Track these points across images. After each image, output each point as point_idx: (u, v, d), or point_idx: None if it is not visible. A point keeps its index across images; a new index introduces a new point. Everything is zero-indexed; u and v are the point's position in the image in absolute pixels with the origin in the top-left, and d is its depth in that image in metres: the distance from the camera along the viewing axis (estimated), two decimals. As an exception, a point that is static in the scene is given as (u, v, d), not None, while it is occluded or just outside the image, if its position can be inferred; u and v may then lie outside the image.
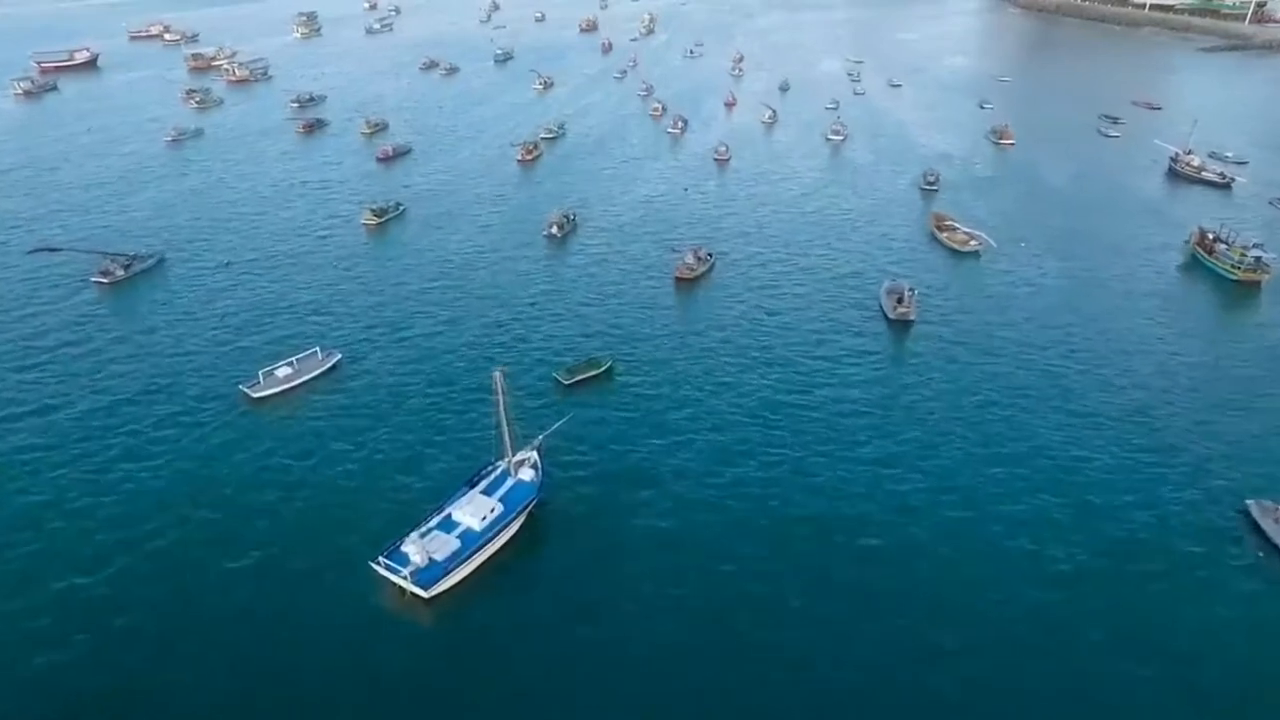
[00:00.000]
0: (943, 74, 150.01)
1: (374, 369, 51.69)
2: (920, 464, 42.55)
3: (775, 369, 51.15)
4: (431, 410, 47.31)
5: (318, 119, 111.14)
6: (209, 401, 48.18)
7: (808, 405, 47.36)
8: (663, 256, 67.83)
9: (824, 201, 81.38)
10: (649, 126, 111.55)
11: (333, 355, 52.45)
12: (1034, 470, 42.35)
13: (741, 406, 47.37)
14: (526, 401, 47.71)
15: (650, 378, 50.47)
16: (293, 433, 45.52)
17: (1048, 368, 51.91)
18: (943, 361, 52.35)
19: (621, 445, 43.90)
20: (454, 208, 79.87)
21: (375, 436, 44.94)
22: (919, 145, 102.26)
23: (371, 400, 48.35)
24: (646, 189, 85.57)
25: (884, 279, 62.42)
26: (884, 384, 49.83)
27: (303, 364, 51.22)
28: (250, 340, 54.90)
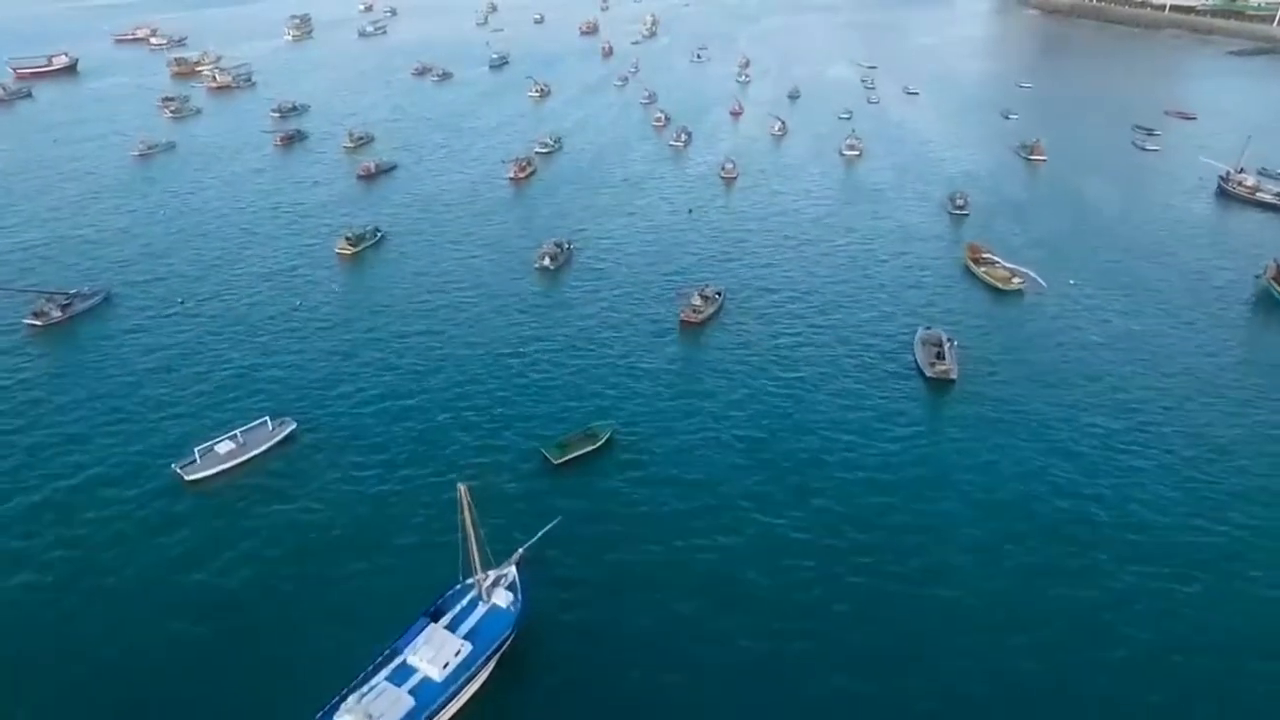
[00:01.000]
0: (960, 80, 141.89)
1: (332, 441, 43.93)
2: (982, 585, 34.92)
3: (794, 444, 43.22)
4: (395, 501, 39.65)
5: (298, 131, 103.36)
6: (133, 485, 40.50)
7: (836, 495, 39.43)
8: (665, 293, 60.16)
9: (842, 227, 73.59)
10: (651, 139, 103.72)
11: (285, 424, 44.76)
12: (1123, 617, 33.55)
13: (758, 500, 39.33)
14: (509, 487, 40.18)
15: (654, 453, 42.69)
16: (224, 533, 37.82)
17: (1120, 449, 43.57)
18: (993, 435, 44.33)
19: (621, 552, 36.11)
20: (438, 234, 72.15)
21: (321, 542, 37.17)
22: (942, 162, 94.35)
23: (323, 488, 40.57)
24: (648, 211, 77.79)
25: (917, 325, 54.71)
26: (927, 465, 41.90)
27: (249, 436, 43.58)
28: (194, 401, 47.11)
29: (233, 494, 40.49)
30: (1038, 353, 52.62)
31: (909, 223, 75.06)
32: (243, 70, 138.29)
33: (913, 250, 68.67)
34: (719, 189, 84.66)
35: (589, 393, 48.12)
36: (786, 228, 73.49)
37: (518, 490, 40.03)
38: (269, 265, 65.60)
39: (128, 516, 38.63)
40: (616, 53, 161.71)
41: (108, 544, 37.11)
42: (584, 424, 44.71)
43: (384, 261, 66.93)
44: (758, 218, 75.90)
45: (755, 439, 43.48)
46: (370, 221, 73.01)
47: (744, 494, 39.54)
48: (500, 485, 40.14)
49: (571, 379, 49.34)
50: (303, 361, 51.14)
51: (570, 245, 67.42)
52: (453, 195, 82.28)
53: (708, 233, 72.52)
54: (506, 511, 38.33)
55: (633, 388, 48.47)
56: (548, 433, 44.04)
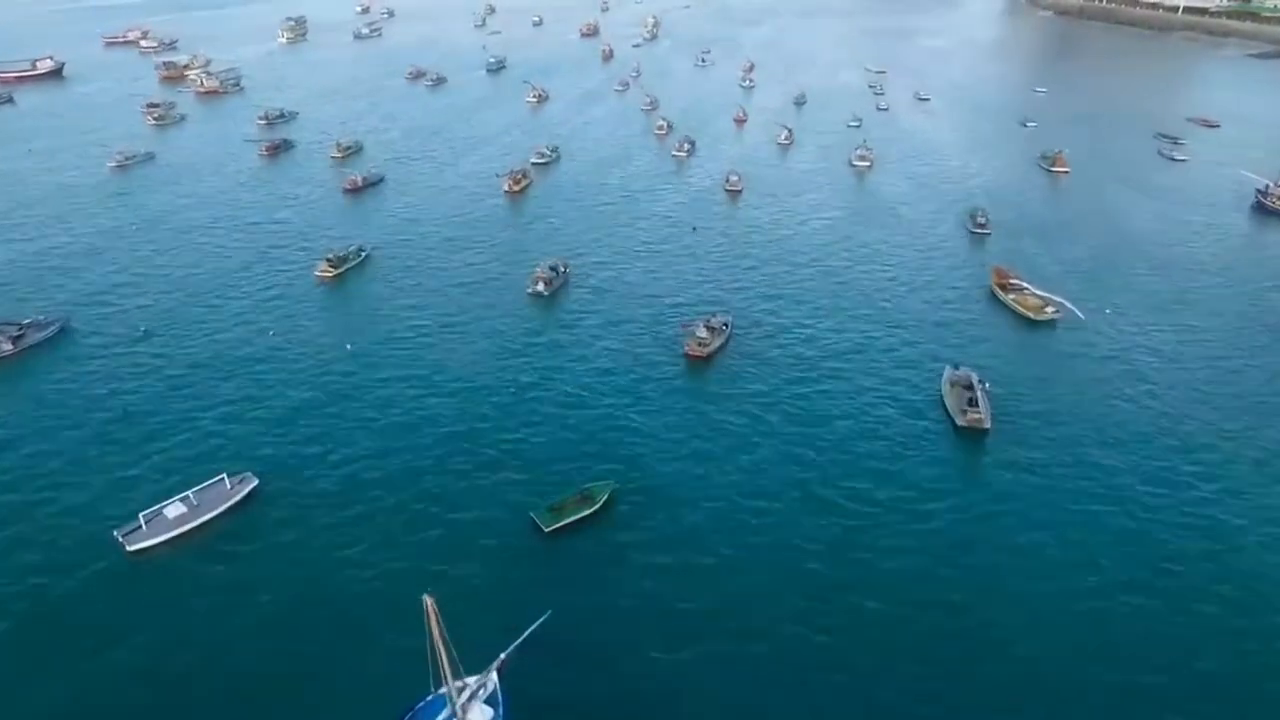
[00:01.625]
0: (972, 85, 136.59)
1: (298, 501, 38.99)
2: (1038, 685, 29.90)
3: (816, 519, 37.72)
4: (365, 577, 34.65)
5: (284, 140, 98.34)
6: (67, 555, 35.61)
7: (868, 589, 33.85)
8: (667, 320, 55.08)
9: (856, 248, 68.31)
10: (653, 148, 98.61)
11: (246, 481, 39.77)
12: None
13: (777, 597, 33.67)
14: (494, 563, 35.27)
15: (659, 522, 37.46)
16: (165, 614, 32.86)
17: (1186, 518, 38.21)
18: (1036, 499, 39.10)
19: (621, 663, 30.75)
20: (425, 254, 67.07)
21: (278, 627, 32.08)
22: (959, 174, 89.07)
23: (285, 559, 35.46)
24: (649, 228, 72.65)
25: (942, 362, 49.52)
26: (969, 552, 36.12)
27: (204, 496, 38.63)
28: (146, 453, 41.99)
29: (180, 566, 35.56)
30: (1078, 394, 47.38)
31: (927, 243, 69.88)
32: (231, 75, 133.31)
33: (933, 274, 63.56)
34: (724, 203, 79.57)
35: (585, 442, 43.05)
36: (796, 248, 68.31)
37: (504, 566, 35.02)
38: (243, 290, 60.55)
39: (55, 593, 33.81)
40: (617, 56, 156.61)
41: (30, 624, 32.33)
42: (579, 480, 39.72)
43: (367, 285, 61.90)
44: (765, 236, 70.71)
45: (772, 513, 38.01)
46: (354, 240, 67.91)
47: (763, 589, 33.96)
48: (483, 561, 35.24)
49: (566, 426, 44.25)
50: (270, 404, 46.06)
51: (566, 268, 62.38)
52: (443, 210, 77.21)
53: (712, 252, 67.42)
54: (490, 595, 33.44)
55: (634, 436, 43.45)
56: (540, 491, 39.04)
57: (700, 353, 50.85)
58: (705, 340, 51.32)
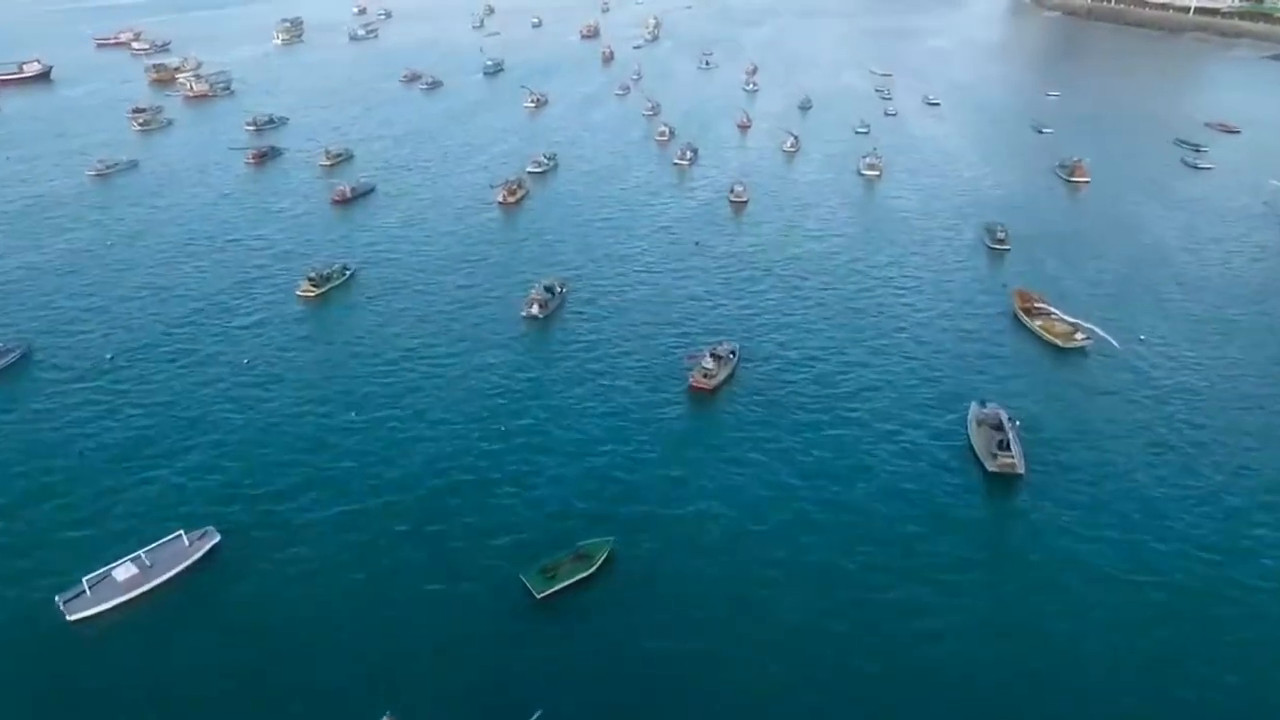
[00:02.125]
0: (982, 88, 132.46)
1: (264, 559, 35.07)
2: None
3: (830, 587, 33.77)
4: (337, 652, 30.68)
5: (271, 147, 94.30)
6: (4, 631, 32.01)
7: (892, 677, 29.86)
8: (669, 346, 51.18)
9: (868, 267, 64.05)
10: (654, 156, 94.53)
11: (207, 537, 35.83)
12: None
13: (800, 688, 29.85)
14: (479, 639, 31.37)
15: (663, 584, 33.54)
16: (110, 692, 29.18)
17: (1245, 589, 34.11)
18: (1076, 565, 35.11)
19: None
20: (415, 272, 62.99)
21: (234, 711, 28.56)
22: (973, 185, 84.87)
23: (248, 626, 31.51)
24: (650, 244, 68.58)
25: (967, 396, 45.38)
26: (1009, 639, 31.96)
27: (158, 556, 34.76)
28: (99, 506, 38.02)
29: (128, 636, 31.78)
30: (1116, 436, 43.28)
31: (943, 261, 65.77)
32: (221, 78, 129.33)
33: (951, 296, 59.48)
34: (728, 216, 75.52)
35: (581, 491, 39.10)
36: (804, 267, 64.06)
37: (490, 644, 31.05)
38: (220, 314, 56.49)
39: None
40: (617, 58, 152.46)
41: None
42: (575, 535, 35.87)
43: (350, 307, 57.92)
44: (772, 253, 66.48)
45: (786, 585, 33.86)
46: (339, 257, 63.99)
47: (780, 683, 29.92)
48: (467, 641, 31.35)
49: (560, 473, 40.27)
50: (239, 449, 41.98)
51: (563, 288, 58.34)
52: (434, 223, 73.16)
53: (717, 271, 63.35)
54: (473, 678, 29.61)
55: (634, 485, 39.51)
56: (531, 549, 35.08)
57: (706, 385, 46.95)
58: (711, 371, 47.40)
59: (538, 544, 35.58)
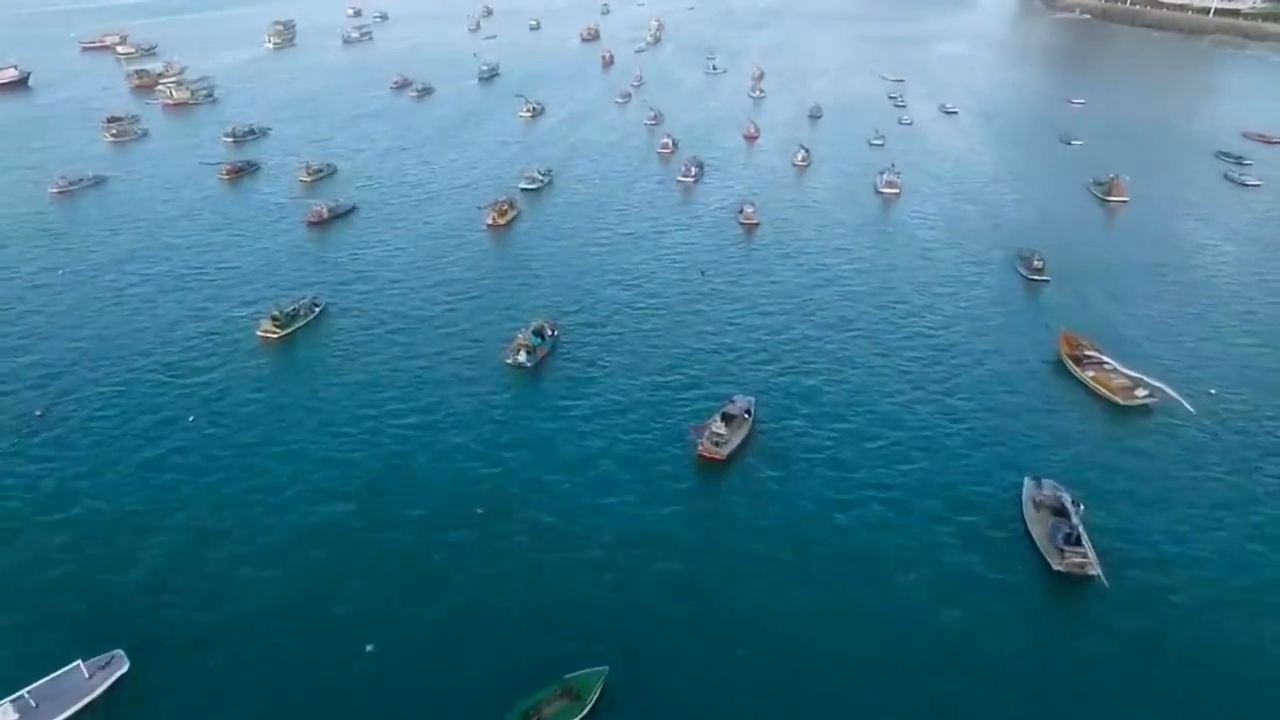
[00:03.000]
0: (1001, 96, 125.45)
1: (177, 703, 28.62)
2: None
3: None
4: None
5: (248, 162, 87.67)
6: None
7: None
8: (673, 404, 44.59)
9: (893, 303, 57.04)
10: (657, 170, 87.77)
11: (113, 666, 28.98)
12: None
13: None
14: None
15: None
16: None
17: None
18: (1166, 685, 28.70)
19: None
20: (390, 308, 56.13)
21: None
22: (1000, 204, 77.91)
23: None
24: (652, 274, 61.65)
25: (1018, 473, 38.58)
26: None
27: (49, 692, 28.00)
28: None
29: (4, 810, 25.43)
30: (1200, 518, 36.59)
31: (976, 294, 58.92)
32: (203, 85, 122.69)
33: (988, 337, 52.59)
34: (738, 240, 68.74)
35: (569, 596, 32.62)
36: (823, 301, 57.22)
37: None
38: (169, 358, 49.71)
39: None
40: (618, 63, 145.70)
41: None
42: (562, 663, 29.23)
43: (316, 350, 51.16)
44: (786, 286, 59.63)
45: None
46: (310, 288, 57.44)
47: None
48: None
49: (544, 578, 33.47)
50: (161, 543, 35.15)
51: (554, 331, 51.55)
52: (416, 250, 66.35)
53: (725, 306, 56.52)
54: None
55: (633, 593, 32.84)
56: (509, 684, 28.42)
57: (718, 455, 40.26)
58: (722, 438, 40.71)
59: (516, 675, 28.96)
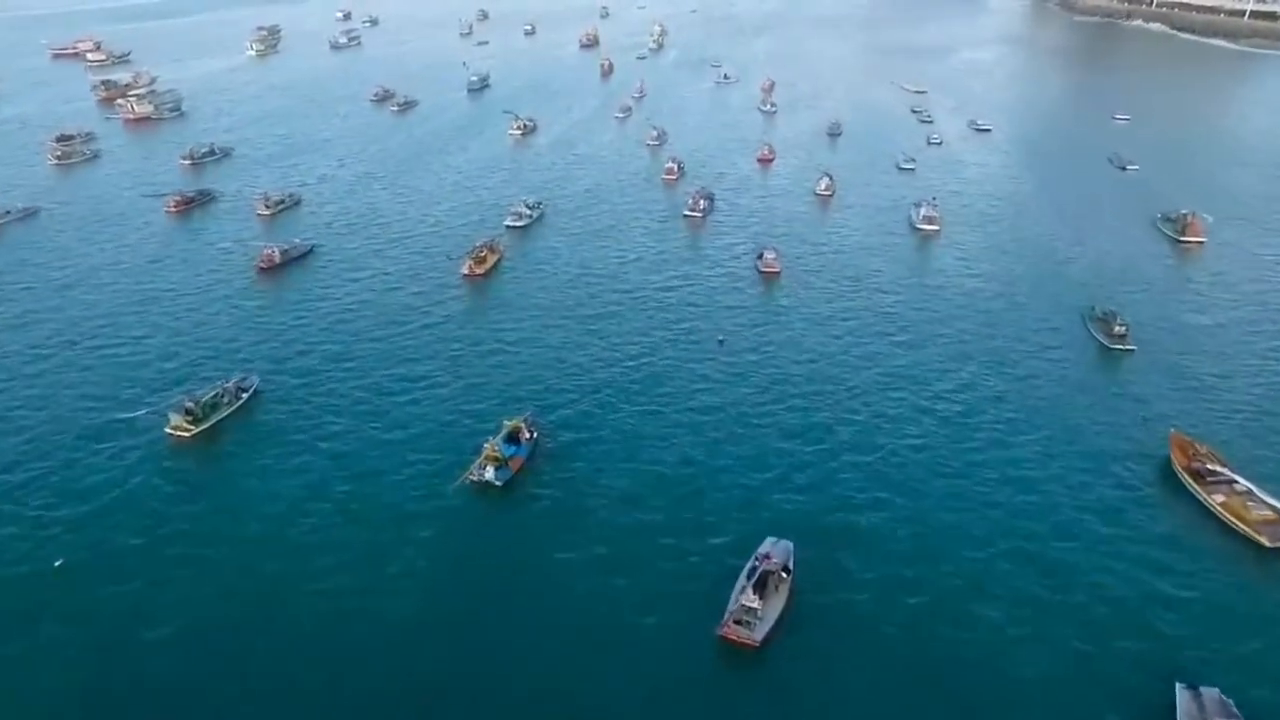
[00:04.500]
0: (1035, 110, 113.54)
1: None
2: None
3: None
4: None
5: (201, 192, 76.19)
6: None
7: None
8: (683, 549, 33.63)
9: (951, 385, 45.44)
10: (661, 200, 76.30)
11: None
12: None
13: None
14: None
15: None
16: None
17: None
18: None
19: None
20: (333, 398, 44.40)
21: None
22: (1057, 245, 65.74)
23: None
24: (656, 344, 50.07)
25: (1160, 665, 27.92)
26: None
27: None
28: None
29: None
30: None
31: (1048, 370, 47.09)
32: (170, 98, 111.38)
33: (1076, 440, 40.67)
34: (757, 292, 57.36)
35: None
36: (864, 389, 45.16)
37: None
38: (47, 467, 39.04)
39: None
40: (618, 71, 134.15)
41: None
42: None
43: (234, 460, 39.70)
44: (820, 362, 48.00)
45: None
46: (237, 370, 46.00)
47: None
48: None
49: None
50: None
51: (533, 433, 40.42)
52: (376, 309, 54.57)
53: (748, 394, 44.69)
54: None
55: None
56: None
57: (748, 641, 29.19)
58: (754, 613, 29.66)
59: None
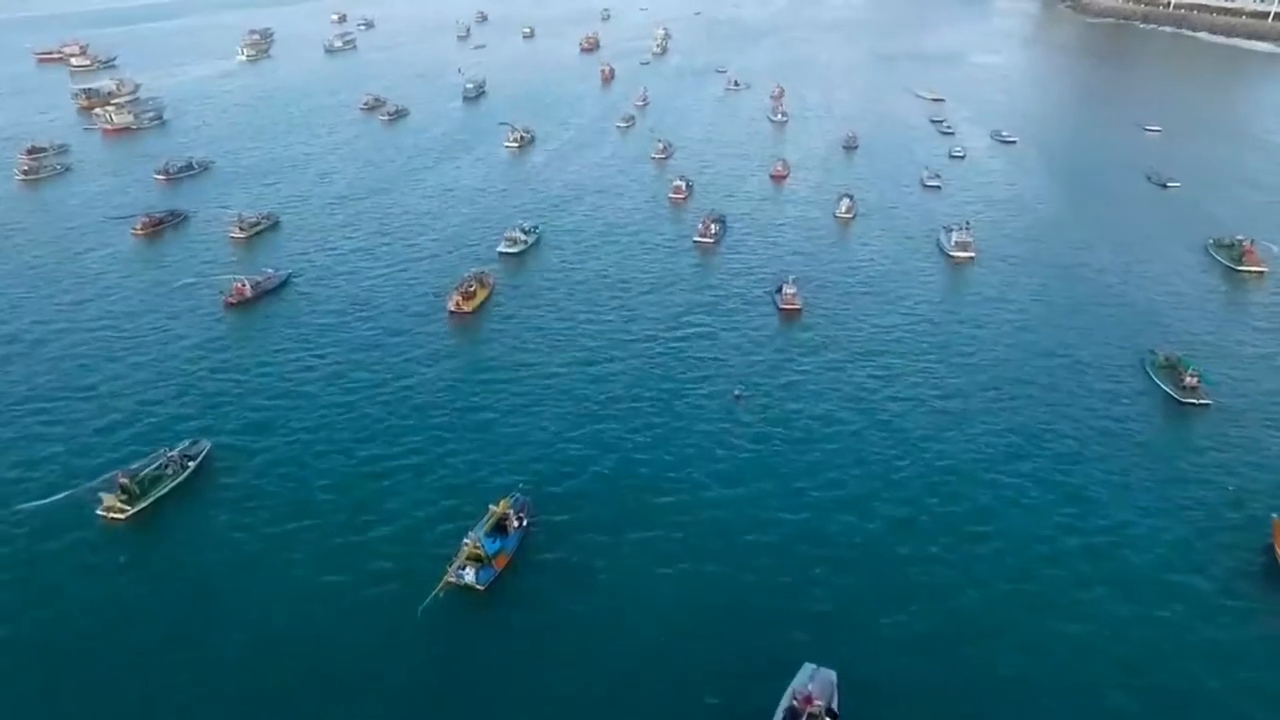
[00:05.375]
0: (1058, 120, 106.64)
1: None
2: None
3: None
4: None
5: (171, 212, 69.68)
6: None
7: None
8: (703, 662, 27.73)
9: (1001, 450, 39.11)
10: (667, 221, 69.69)
11: None
12: None
13: None
14: None
15: None
16: None
17: None
18: None
19: None
20: (299, 461, 38.27)
21: None
22: (1103, 276, 59.03)
23: None
24: (665, 396, 43.65)
25: None
26: None
27: None
28: None
29: None
30: None
31: (1109, 427, 40.54)
32: (151, 107, 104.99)
33: (1159, 516, 34.96)
34: (775, 336, 50.43)
35: None
36: (903, 462, 38.97)
37: None
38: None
39: None
40: (619, 77, 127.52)
41: None
42: None
43: (173, 546, 33.75)
44: (851, 418, 41.55)
45: None
46: (188, 435, 39.45)
47: None
48: None
49: None
50: None
51: (521, 517, 33.97)
52: (351, 354, 47.57)
53: (770, 455, 39.03)
54: None
55: None
56: None
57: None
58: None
59: None
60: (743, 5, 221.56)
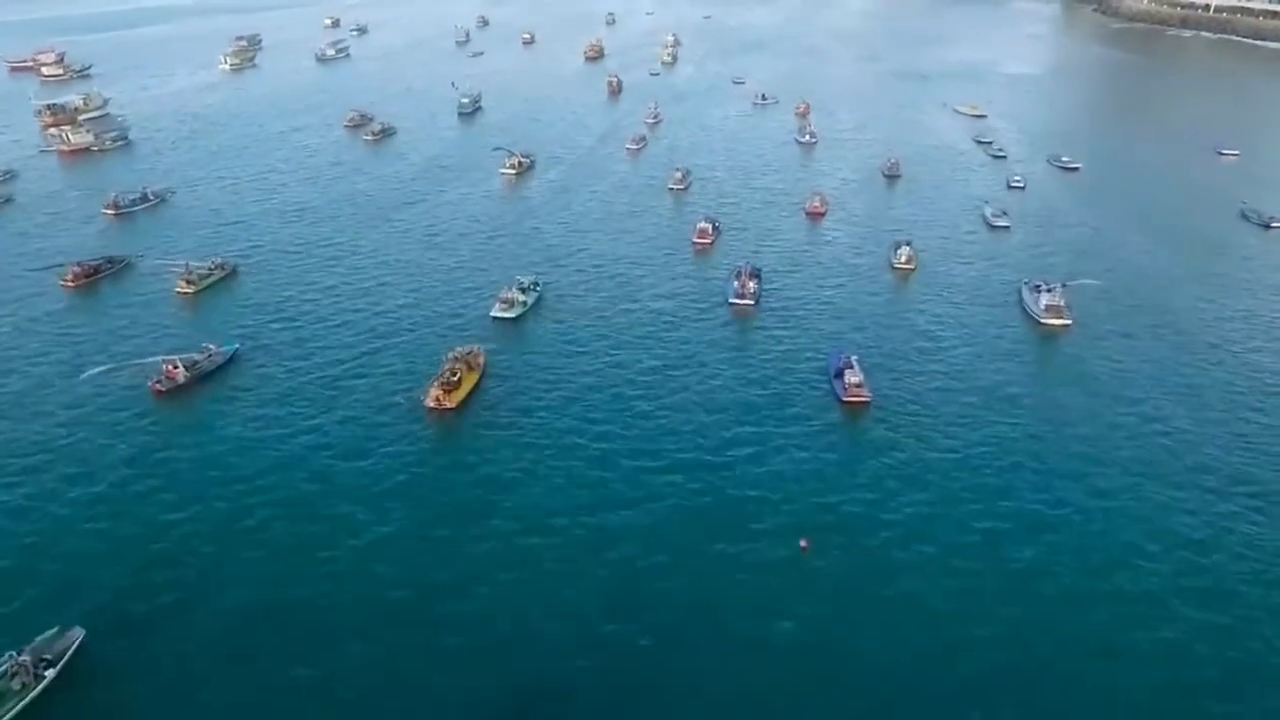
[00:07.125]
0: (1118, 140, 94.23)
1: None
2: None
3: None
4: None
5: (109, 259, 57.82)
6: None
7: None
8: None
9: (1151, 629, 28.65)
10: (694, 278, 56.60)
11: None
12: None
13: None
14: None
15: None
16: None
17: None
18: None
19: None
20: (223, 638, 28.15)
21: None
22: (1226, 348, 47.38)
23: None
24: (700, 542, 32.33)
25: None
26: None
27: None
28: None
29: None
30: None
31: (1262, 560, 30.29)
32: (114, 125, 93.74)
33: None
34: (841, 441, 38.90)
35: None
36: (1022, 607, 28.49)
37: None
38: None
39: None
40: (628, 90, 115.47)
41: None
42: None
43: None
44: (949, 571, 30.55)
45: None
46: (65, 610, 27.77)
47: None
48: None
49: None
50: None
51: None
52: (294, 481, 35.80)
53: (847, 630, 28.07)
54: None
55: None
56: None
57: None
58: None
59: None
60: (752, 9, 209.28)
